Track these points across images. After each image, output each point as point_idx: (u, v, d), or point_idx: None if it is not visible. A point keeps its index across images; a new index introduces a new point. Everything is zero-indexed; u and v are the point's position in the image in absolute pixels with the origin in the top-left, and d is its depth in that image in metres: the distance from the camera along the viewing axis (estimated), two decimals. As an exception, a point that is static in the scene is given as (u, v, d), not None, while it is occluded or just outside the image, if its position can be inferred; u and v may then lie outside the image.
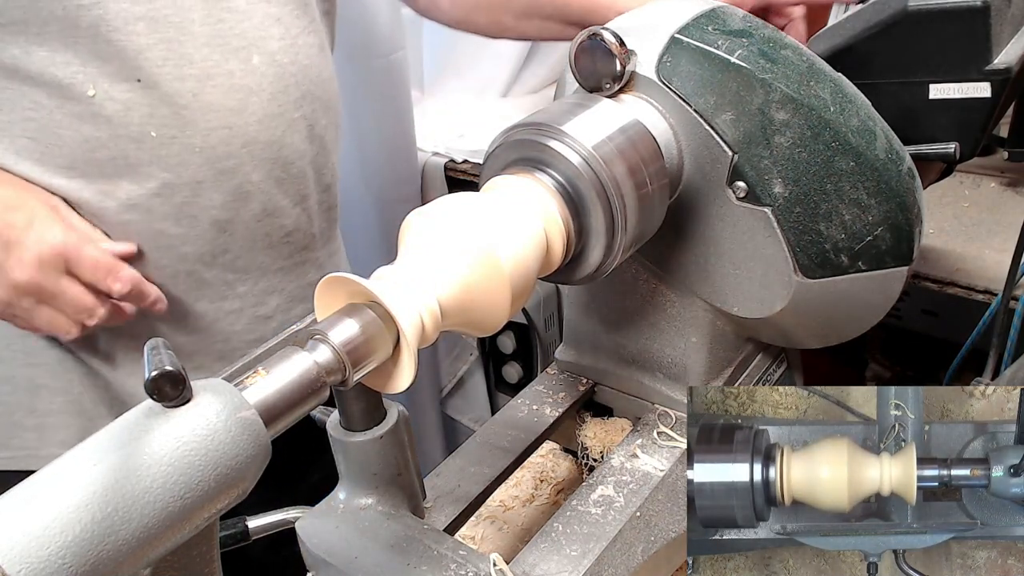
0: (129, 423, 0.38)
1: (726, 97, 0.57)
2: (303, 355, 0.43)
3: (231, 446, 0.38)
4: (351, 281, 0.45)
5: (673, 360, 0.69)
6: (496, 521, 0.80)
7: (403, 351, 0.46)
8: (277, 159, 0.82)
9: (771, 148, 0.57)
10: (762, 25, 0.60)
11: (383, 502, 0.60)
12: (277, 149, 0.82)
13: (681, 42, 0.58)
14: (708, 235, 0.62)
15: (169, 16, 0.73)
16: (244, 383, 0.41)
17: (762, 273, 0.61)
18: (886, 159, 0.58)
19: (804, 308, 0.62)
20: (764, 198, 0.58)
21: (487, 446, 0.69)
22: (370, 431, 0.57)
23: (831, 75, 0.58)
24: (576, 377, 0.76)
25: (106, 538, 0.35)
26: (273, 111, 0.80)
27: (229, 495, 0.39)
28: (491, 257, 0.49)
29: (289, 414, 0.42)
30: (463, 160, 1.48)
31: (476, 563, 0.55)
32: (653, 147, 0.57)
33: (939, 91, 0.69)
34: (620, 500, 0.62)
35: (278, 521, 0.70)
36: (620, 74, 0.58)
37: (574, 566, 0.57)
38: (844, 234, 0.58)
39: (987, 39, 0.65)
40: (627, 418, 0.74)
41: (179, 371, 0.37)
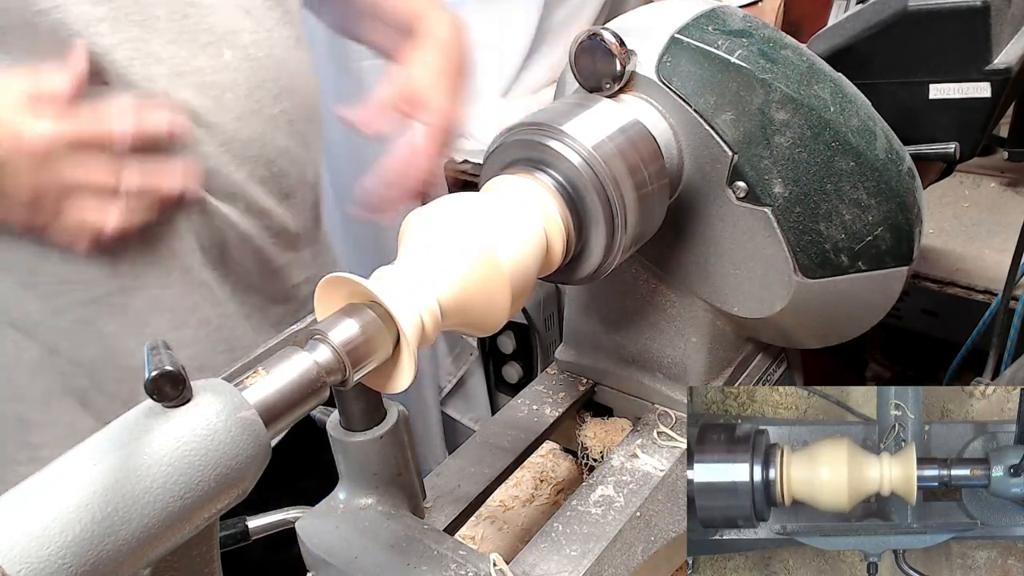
0: (129, 423, 0.38)
1: (726, 97, 0.57)
2: (303, 355, 0.43)
3: (231, 446, 0.38)
4: (351, 281, 0.45)
5: (673, 360, 0.69)
6: (496, 521, 0.80)
7: (403, 351, 0.46)
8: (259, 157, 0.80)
9: (771, 148, 0.57)
10: (762, 25, 0.60)
11: (383, 502, 0.60)
12: (258, 147, 0.80)
13: (681, 42, 0.58)
14: (708, 235, 0.62)
15: (131, 15, 0.71)
16: (244, 383, 0.41)
17: (762, 273, 0.61)
18: (886, 159, 0.58)
19: (804, 308, 0.62)
20: (764, 198, 0.58)
21: (487, 446, 0.69)
22: (370, 431, 0.57)
23: (831, 75, 0.58)
24: (576, 377, 0.76)
25: (106, 538, 0.35)
26: (251, 107, 0.78)
27: (229, 495, 0.39)
28: (491, 257, 0.49)
29: (289, 414, 0.42)
30: (463, 160, 1.48)
31: (476, 563, 0.55)
32: (653, 147, 0.57)
33: (939, 91, 0.69)
34: (620, 500, 0.62)
35: (278, 521, 0.70)
36: (620, 74, 0.58)
37: (574, 566, 0.57)
38: (844, 234, 0.58)
39: (987, 39, 0.66)
40: (627, 418, 0.74)
41: (179, 371, 0.37)
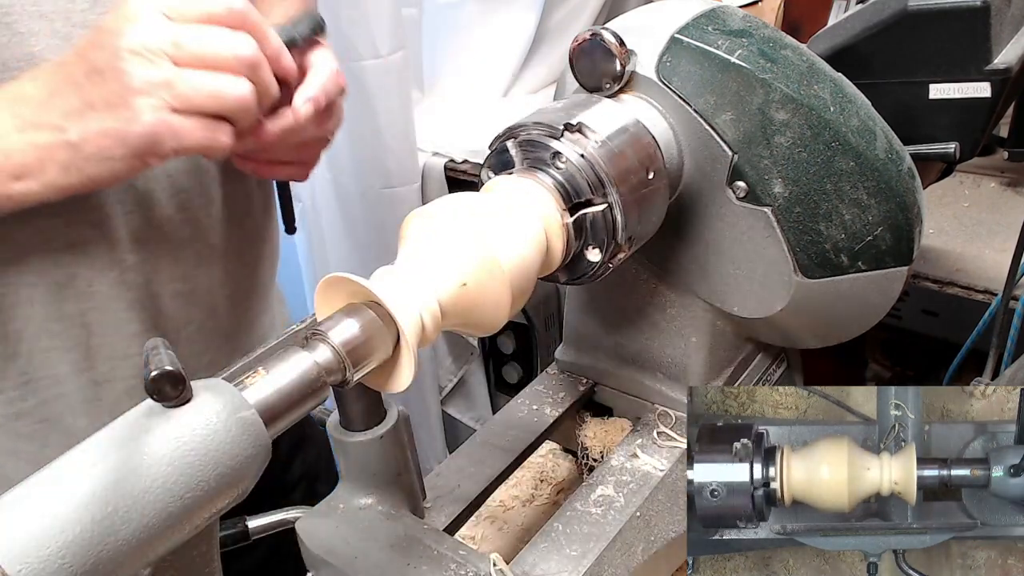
0: (129, 423, 0.38)
1: (726, 97, 0.57)
2: (303, 355, 0.43)
3: (231, 446, 0.38)
4: (351, 281, 0.45)
5: (673, 360, 0.69)
6: (496, 521, 0.80)
7: (403, 351, 0.46)
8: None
9: (771, 148, 0.57)
10: (762, 25, 0.60)
11: (383, 502, 0.60)
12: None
13: (681, 42, 0.58)
14: (708, 235, 0.62)
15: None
16: (244, 383, 0.41)
17: (762, 273, 0.61)
18: (886, 159, 0.58)
19: (804, 308, 0.62)
20: (764, 198, 0.58)
21: (487, 446, 0.69)
22: (370, 431, 0.57)
23: (831, 75, 0.58)
24: (576, 377, 0.76)
25: (106, 538, 0.35)
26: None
27: (229, 495, 0.39)
28: (491, 257, 0.49)
29: (289, 414, 0.42)
30: (463, 160, 1.48)
31: (476, 563, 0.55)
32: (653, 147, 0.57)
33: (939, 91, 0.69)
34: (620, 500, 0.62)
35: (278, 521, 0.70)
36: (620, 74, 0.58)
37: (574, 566, 0.57)
38: (844, 234, 0.58)
39: (987, 39, 0.66)
40: (627, 418, 0.74)
41: (179, 371, 0.37)
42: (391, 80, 1.41)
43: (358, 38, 1.36)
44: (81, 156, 0.57)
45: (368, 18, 1.35)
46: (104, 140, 0.57)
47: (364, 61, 1.38)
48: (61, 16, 0.64)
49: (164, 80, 0.56)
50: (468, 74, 1.64)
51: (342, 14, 1.35)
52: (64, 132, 0.57)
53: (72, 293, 0.69)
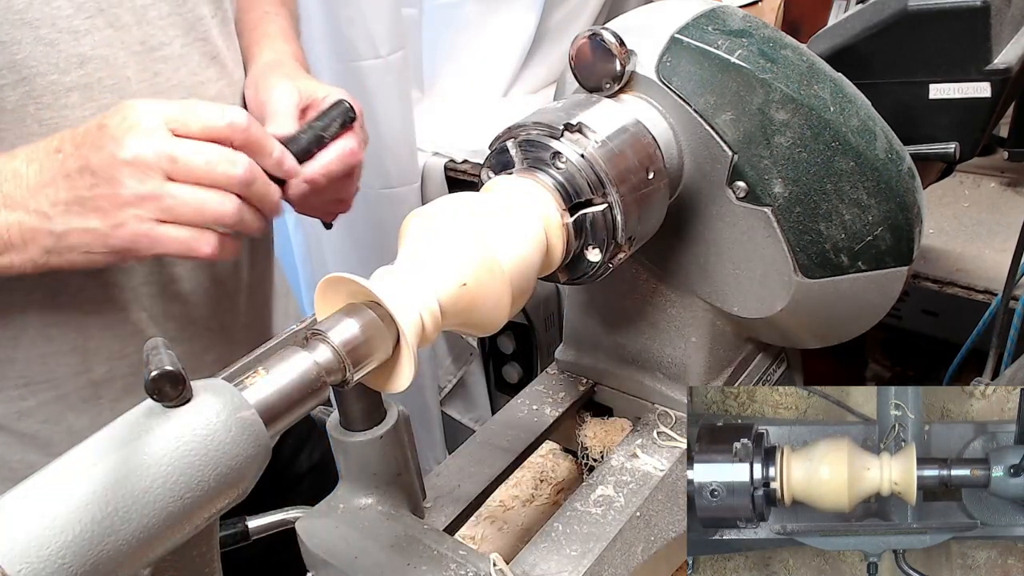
0: (129, 423, 0.38)
1: (726, 97, 0.57)
2: (303, 355, 0.43)
3: (231, 446, 0.38)
4: (351, 281, 0.45)
5: (673, 360, 0.69)
6: (496, 521, 0.80)
7: (403, 351, 0.46)
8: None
9: (771, 148, 0.57)
10: (762, 25, 0.60)
11: (383, 502, 0.60)
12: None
13: (681, 42, 0.58)
14: (708, 235, 0.62)
15: (103, 79, 0.67)
16: (244, 383, 0.41)
17: (762, 273, 0.61)
18: (886, 159, 0.58)
19: (804, 308, 0.62)
20: (764, 198, 0.58)
21: (487, 446, 0.69)
22: (370, 431, 0.57)
23: (831, 75, 0.58)
24: (576, 377, 0.76)
25: (106, 538, 0.35)
26: None
27: (229, 495, 0.39)
28: (491, 257, 0.49)
29: (289, 414, 0.42)
30: (463, 160, 1.48)
31: (476, 563, 0.55)
32: (653, 147, 0.57)
33: (939, 91, 0.69)
34: (620, 500, 0.62)
35: (278, 521, 0.70)
36: (620, 74, 0.58)
37: (574, 566, 0.57)
38: (844, 234, 0.58)
39: (987, 39, 0.66)
40: (627, 418, 0.74)
41: (179, 371, 0.37)
42: (391, 80, 1.41)
43: (358, 38, 1.36)
44: (63, 245, 0.60)
45: (368, 18, 1.35)
46: (86, 236, 0.59)
47: (364, 61, 1.38)
48: (47, 22, 0.64)
49: (153, 194, 0.58)
50: (468, 74, 1.64)
51: (342, 14, 1.35)
52: (49, 220, 0.59)
53: (67, 299, 0.70)
